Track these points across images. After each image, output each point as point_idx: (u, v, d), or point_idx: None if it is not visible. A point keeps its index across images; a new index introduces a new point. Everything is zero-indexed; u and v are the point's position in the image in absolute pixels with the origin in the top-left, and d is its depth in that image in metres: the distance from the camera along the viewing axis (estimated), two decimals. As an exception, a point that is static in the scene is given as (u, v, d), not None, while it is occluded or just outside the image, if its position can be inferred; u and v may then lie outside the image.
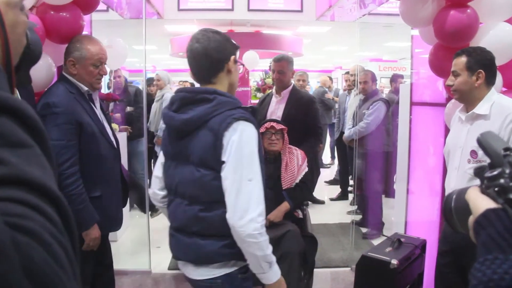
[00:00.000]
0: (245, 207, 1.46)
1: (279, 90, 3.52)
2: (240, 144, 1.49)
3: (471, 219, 0.64)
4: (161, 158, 1.78)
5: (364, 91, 4.64)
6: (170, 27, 9.09)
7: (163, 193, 1.77)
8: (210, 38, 1.57)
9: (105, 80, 5.30)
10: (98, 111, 2.27)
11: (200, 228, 1.58)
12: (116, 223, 2.33)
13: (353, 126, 4.65)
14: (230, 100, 1.57)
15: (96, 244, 2.14)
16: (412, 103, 3.14)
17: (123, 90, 5.08)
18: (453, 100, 2.50)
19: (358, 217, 4.80)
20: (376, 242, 4.22)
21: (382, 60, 14.64)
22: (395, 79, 6.09)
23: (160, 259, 3.77)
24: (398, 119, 4.21)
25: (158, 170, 1.79)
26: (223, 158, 1.50)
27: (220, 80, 1.61)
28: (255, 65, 7.93)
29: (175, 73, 19.33)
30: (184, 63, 1.75)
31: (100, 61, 2.20)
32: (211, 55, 1.57)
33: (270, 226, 2.74)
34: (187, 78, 12.36)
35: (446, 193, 2.15)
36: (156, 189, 1.79)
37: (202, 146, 1.54)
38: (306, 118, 3.39)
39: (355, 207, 4.85)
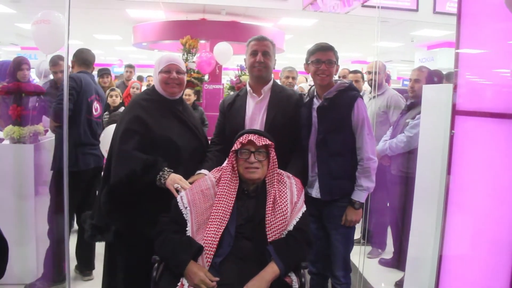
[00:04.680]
0: None
1: (258, 85, 2.37)
2: None
3: None
4: None
5: (412, 92, 3.40)
6: (132, 12, 7.99)
7: None
8: None
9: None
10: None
11: None
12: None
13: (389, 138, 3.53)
14: None
15: None
16: (456, 112, 2.15)
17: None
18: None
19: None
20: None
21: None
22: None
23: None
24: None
25: None
26: None
27: None
28: (227, 59, 6.87)
29: (143, 68, 18.06)
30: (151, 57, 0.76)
31: None
32: None
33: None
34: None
35: None
36: None
37: None
38: (297, 126, 2.36)
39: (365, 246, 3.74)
